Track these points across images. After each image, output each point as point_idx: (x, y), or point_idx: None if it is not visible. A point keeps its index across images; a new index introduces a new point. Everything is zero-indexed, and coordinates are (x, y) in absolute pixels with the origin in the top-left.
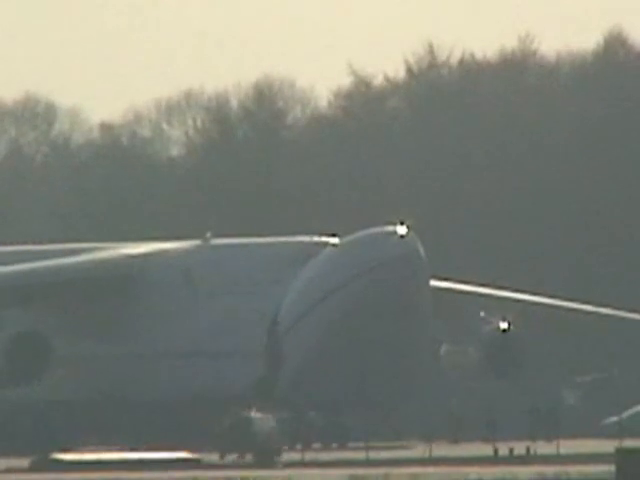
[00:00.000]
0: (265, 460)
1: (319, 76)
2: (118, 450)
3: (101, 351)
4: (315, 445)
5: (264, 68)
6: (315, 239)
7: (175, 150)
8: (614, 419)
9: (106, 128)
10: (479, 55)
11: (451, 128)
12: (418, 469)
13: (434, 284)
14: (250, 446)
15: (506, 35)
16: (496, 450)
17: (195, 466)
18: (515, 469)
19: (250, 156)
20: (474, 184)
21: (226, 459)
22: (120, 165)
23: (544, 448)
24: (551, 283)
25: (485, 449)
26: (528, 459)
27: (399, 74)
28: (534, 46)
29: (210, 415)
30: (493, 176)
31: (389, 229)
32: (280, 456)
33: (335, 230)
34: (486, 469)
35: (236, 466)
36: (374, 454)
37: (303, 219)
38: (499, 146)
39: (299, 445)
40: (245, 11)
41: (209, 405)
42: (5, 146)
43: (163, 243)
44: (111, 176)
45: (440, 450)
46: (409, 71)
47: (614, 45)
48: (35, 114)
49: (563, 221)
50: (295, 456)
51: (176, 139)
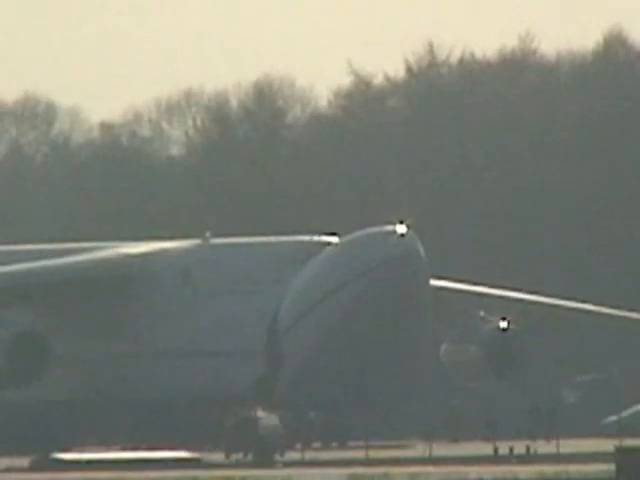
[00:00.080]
0: (265, 459)
1: (319, 75)
2: (118, 450)
3: (101, 351)
4: (315, 444)
5: (264, 67)
6: (315, 238)
7: (175, 150)
8: (614, 418)
9: (106, 128)
10: (479, 54)
11: (451, 127)
12: (418, 468)
13: (434, 283)
14: (256, 445)
15: (506, 34)
16: (496, 449)
17: (195, 465)
18: (515, 468)
19: (250, 155)
20: (474, 183)
21: (231, 458)
22: (120, 165)
23: (544, 447)
24: (551, 283)
25: (485, 448)
26: (528, 458)
27: (399, 73)
28: (534, 45)
29: (210, 415)
30: (493, 175)
31: (389, 228)
32: (284, 455)
33: (335, 229)
34: (486, 468)
35: (236, 465)
36: (374, 453)
37: (303, 218)
38: (499, 145)
39: (299, 444)
40: (245, 11)
41: (209, 405)
42: (5, 146)
43: (163, 242)
44: (111, 176)
45: (440, 449)
46: (409, 70)
47: (614, 44)
48: (35, 114)
49: (563, 221)
50: (295, 455)
51: (176, 139)
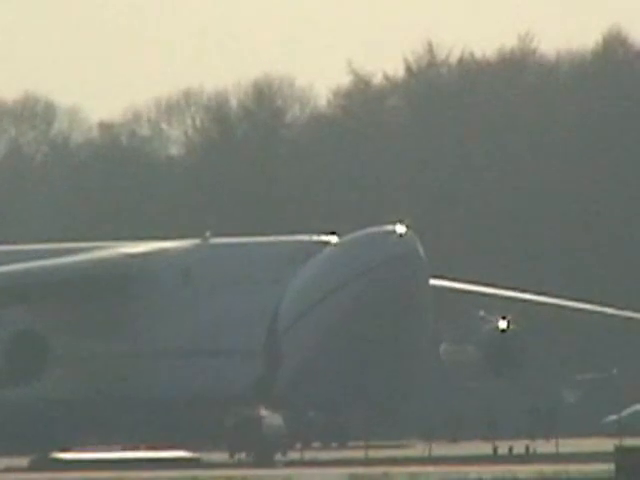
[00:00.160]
0: (266, 459)
1: (318, 75)
2: (118, 449)
3: (100, 350)
4: (315, 444)
5: (263, 67)
6: (314, 238)
7: (174, 149)
8: (614, 418)
9: (105, 127)
10: (478, 54)
11: (450, 127)
12: (418, 468)
13: (434, 283)
14: (260, 445)
15: (505, 34)
16: (495, 449)
17: (195, 465)
18: (515, 468)
19: (249, 155)
20: (473, 183)
21: (235, 458)
22: (119, 164)
23: (543, 447)
24: (551, 283)
25: (485, 448)
26: (528, 458)
27: (398, 73)
28: (533, 45)
29: (210, 414)
30: (493, 175)
31: (388, 228)
32: (286, 455)
33: (334, 229)
34: (486, 468)
35: (236, 465)
36: (374, 453)
37: (302, 218)
38: (499, 145)
39: (299, 444)
40: (244, 10)
41: (209, 404)
42: (4, 146)
43: (162, 242)
44: (110, 175)
45: (440, 449)
46: (408, 70)
47: (613, 44)
48: (34, 113)
49: (563, 221)
50: (295, 455)
51: (175, 138)
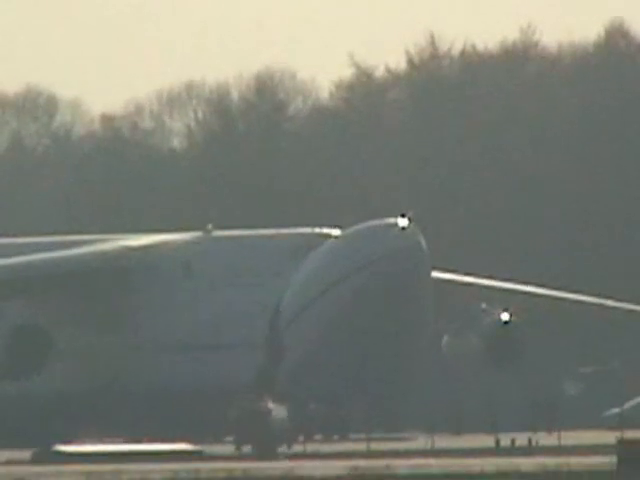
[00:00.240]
0: (268, 452)
1: (320, 68)
2: (120, 442)
3: (102, 343)
4: (316, 437)
5: (265, 60)
6: (316, 231)
7: (176, 142)
8: (616, 410)
9: (107, 120)
10: (480, 46)
11: (452, 119)
12: (420, 460)
13: (435, 276)
14: (266, 437)
15: (507, 26)
16: (498, 441)
17: (197, 458)
18: (517, 460)
19: (251, 148)
20: (475, 176)
21: (242, 450)
22: (121, 157)
23: (545, 439)
24: (552, 275)
25: (487, 440)
26: (530, 450)
27: (400, 65)
28: (535, 37)
29: (211, 407)
30: (494, 168)
31: (390, 221)
32: (291, 447)
33: (336, 222)
34: (488, 460)
35: (238, 458)
36: (375, 446)
37: (304, 211)
38: (500, 137)
39: (301, 437)
40: (246, 3)
41: (210, 397)
42: (6, 138)
43: (164, 235)
44: (112, 168)
45: (442, 441)
46: (410, 62)
47: (615, 36)
48: (36, 106)
49: (564, 213)
50: (297, 448)
51: (177, 131)
